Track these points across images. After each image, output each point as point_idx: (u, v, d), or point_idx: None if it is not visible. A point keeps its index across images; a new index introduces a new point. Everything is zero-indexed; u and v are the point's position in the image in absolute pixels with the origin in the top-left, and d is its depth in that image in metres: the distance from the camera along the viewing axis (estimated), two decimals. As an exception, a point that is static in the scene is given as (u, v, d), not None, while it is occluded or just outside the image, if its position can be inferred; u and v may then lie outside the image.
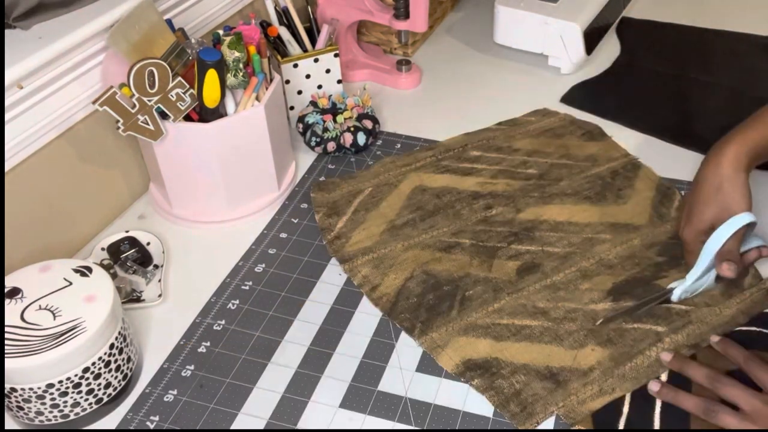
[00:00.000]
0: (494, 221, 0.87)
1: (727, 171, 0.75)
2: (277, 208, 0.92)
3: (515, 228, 0.86)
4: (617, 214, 0.87)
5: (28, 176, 0.79)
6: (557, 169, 0.94)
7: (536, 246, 0.83)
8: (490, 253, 0.83)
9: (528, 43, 1.17)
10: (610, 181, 0.92)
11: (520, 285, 0.79)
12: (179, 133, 0.82)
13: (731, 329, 0.73)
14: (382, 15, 1.08)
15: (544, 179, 0.93)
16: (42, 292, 0.66)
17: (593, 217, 0.87)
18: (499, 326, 0.74)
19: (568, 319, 0.75)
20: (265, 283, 0.82)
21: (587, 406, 0.67)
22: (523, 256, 0.82)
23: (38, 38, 0.76)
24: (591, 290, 0.78)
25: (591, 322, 0.74)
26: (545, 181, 0.92)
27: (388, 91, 1.15)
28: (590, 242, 0.83)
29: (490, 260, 0.82)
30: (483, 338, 0.73)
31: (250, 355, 0.74)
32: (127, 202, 0.93)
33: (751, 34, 1.24)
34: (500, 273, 0.80)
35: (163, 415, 0.68)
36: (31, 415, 0.65)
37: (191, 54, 0.85)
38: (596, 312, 0.75)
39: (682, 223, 0.79)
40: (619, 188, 0.91)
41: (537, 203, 0.89)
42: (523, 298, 0.77)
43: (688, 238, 0.78)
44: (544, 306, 0.76)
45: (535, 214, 0.88)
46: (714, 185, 0.75)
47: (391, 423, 0.67)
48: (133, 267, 0.82)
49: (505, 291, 0.78)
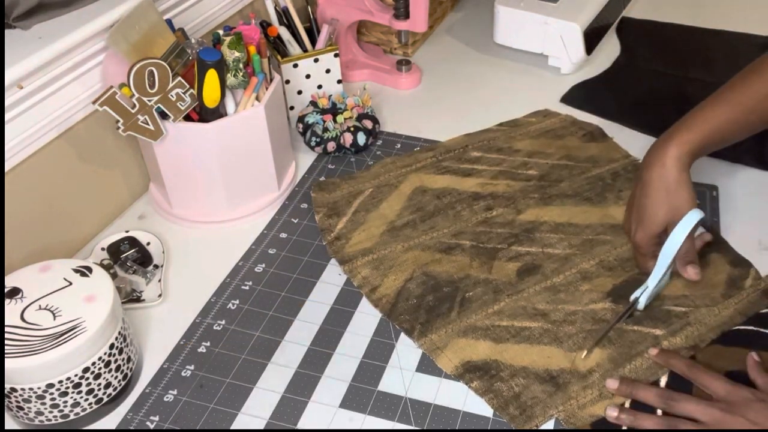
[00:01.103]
0: (494, 222, 0.87)
1: (673, 173, 0.76)
2: (277, 208, 0.92)
3: (515, 229, 0.86)
4: (617, 215, 0.87)
5: (28, 176, 0.79)
6: (558, 171, 0.94)
7: (536, 247, 0.83)
8: (491, 255, 0.83)
9: (528, 43, 1.17)
10: (610, 182, 0.92)
11: (520, 286, 0.79)
12: (179, 133, 0.82)
13: (729, 329, 0.73)
14: (382, 15, 1.08)
15: (545, 180, 0.93)
16: (42, 292, 0.66)
17: (594, 218, 0.87)
18: (498, 328, 0.74)
19: (567, 322, 0.75)
20: (265, 283, 0.81)
21: (587, 410, 0.67)
22: (524, 257, 0.82)
23: (38, 38, 0.76)
24: (591, 291, 0.78)
25: (591, 323, 0.74)
26: (546, 182, 0.92)
27: (388, 91, 1.15)
28: (590, 244, 0.83)
29: (491, 262, 0.82)
30: (483, 340, 0.73)
31: (250, 355, 0.74)
32: (127, 202, 0.93)
33: (751, 34, 1.24)
34: (500, 274, 0.80)
35: (163, 415, 0.68)
36: (31, 415, 0.65)
37: (191, 54, 0.85)
38: (596, 312, 0.75)
39: (633, 227, 0.79)
40: (619, 189, 0.91)
41: (537, 204, 0.89)
42: (523, 300, 0.77)
43: (641, 242, 0.78)
44: (544, 308, 0.76)
45: (535, 216, 0.87)
46: (663, 188, 0.76)
47: (391, 423, 0.67)
48: (133, 267, 0.82)
49: (505, 292, 0.78)
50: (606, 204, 0.89)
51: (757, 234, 0.86)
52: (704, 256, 0.81)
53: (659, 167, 0.77)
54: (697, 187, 0.92)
